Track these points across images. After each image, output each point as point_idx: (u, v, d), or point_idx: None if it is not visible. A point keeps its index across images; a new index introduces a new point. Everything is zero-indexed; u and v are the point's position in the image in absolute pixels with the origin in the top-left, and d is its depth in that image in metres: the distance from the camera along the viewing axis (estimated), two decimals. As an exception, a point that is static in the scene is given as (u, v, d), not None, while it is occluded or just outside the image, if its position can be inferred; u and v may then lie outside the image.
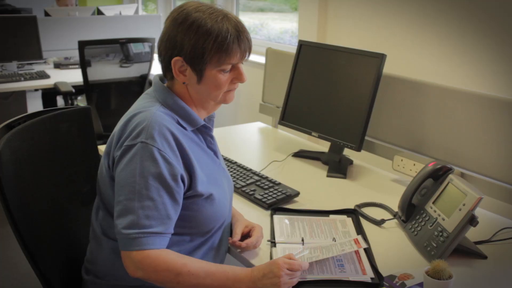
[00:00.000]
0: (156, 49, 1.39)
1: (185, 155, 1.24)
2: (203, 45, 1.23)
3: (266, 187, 1.76)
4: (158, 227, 1.18)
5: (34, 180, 1.38)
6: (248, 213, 1.65)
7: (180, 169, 1.22)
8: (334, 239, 1.45)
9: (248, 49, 1.30)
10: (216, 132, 2.60)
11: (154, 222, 1.18)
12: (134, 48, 3.58)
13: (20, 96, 4.05)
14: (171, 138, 1.22)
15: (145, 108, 1.27)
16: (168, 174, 1.20)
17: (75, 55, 4.02)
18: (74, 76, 3.70)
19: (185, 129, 1.29)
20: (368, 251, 1.41)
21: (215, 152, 1.40)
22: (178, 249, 1.28)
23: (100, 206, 1.36)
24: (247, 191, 1.74)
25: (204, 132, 1.36)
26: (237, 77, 1.30)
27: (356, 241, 1.39)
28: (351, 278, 1.28)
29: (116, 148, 1.24)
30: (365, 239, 1.48)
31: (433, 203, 1.49)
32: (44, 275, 1.32)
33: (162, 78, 1.37)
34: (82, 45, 3.40)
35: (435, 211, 1.46)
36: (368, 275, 1.29)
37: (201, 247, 1.35)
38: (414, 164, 1.84)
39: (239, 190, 1.76)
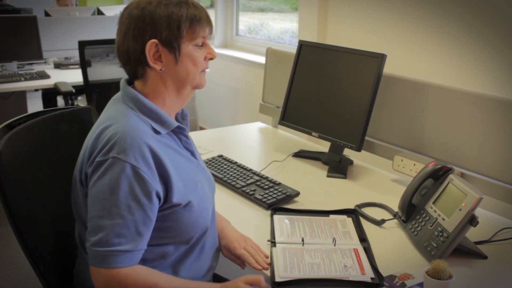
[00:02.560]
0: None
1: (161, 167, 1.19)
2: (177, 17, 1.21)
3: (266, 187, 1.76)
4: (128, 244, 1.14)
5: (34, 180, 1.38)
6: (248, 213, 1.65)
7: (155, 184, 1.17)
8: (334, 239, 1.45)
9: (212, 24, 1.31)
10: (216, 132, 2.62)
11: (124, 240, 1.14)
12: (134, 48, 3.58)
13: (20, 96, 4.06)
14: (146, 151, 1.16)
15: (116, 117, 1.21)
16: (140, 191, 1.14)
17: (75, 55, 4.02)
18: (74, 76, 3.70)
19: (159, 133, 1.24)
20: (368, 251, 1.41)
21: (192, 152, 1.36)
22: (166, 263, 1.27)
23: (76, 218, 1.32)
24: (247, 191, 1.74)
25: (178, 132, 1.31)
26: (209, 52, 1.30)
27: (356, 252, 1.40)
28: (351, 278, 1.28)
29: (88, 163, 1.19)
30: (365, 239, 1.48)
31: (433, 203, 1.49)
32: (44, 275, 1.32)
33: (129, 81, 1.31)
34: (82, 45, 3.40)
35: (435, 211, 1.46)
36: (368, 275, 1.29)
37: (189, 255, 1.31)
38: (414, 164, 1.84)
39: (239, 190, 1.76)
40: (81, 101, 4.47)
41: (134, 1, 1.25)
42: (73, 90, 3.49)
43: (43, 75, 3.70)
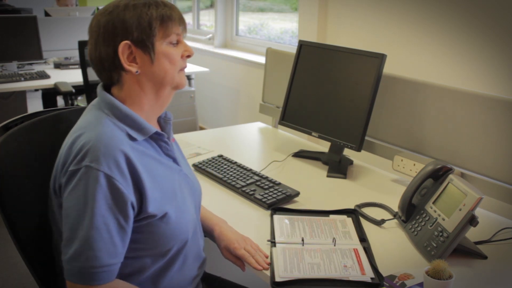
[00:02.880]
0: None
1: (136, 176, 1.14)
2: (147, 16, 1.19)
3: (266, 187, 1.76)
4: (104, 258, 1.10)
5: (32, 181, 1.37)
6: (248, 213, 1.65)
7: (130, 195, 1.12)
8: (334, 239, 1.45)
9: (185, 21, 1.29)
10: (216, 132, 2.62)
11: (99, 253, 1.09)
12: (134, 48, 3.58)
13: (20, 96, 4.06)
14: (121, 159, 1.12)
15: (91, 124, 1.17)
16: (114, 202, 1.10)
17: (75, 55, 4.02)
18: (74, 76, 3.70)
19: (135, 140, 1.20)
20: (368, 251, 1.41)
21: (175, 159, 1.31)
22: (144, 276, 1.23)
23: (53, 229, 1.29)
24: (247, 191, 1.74)
25: (158, 139, 1.26)
26: (186, 49, 1.27)
27: (356, 252, 1.40)
28: (351, 278, 1.28)
29: (61, 173, 1.15)
30: (365, 239, 1.48)
31: (433, 203, 1.49)
32: (41, 277, 1.31)
33: (106, 86, 1.26)
34: (82, 45, 3.40)
35: (435, 211, 1.46)
36: (368, 275, 1.29)
37: (169, 268, 1.27)
38: (414, 164, 1.84)
39: (239, 190, 1.76)
40: (81, 101, 4.48)
41: (101, 9, 1.24)
42: (73, 90, 3.49)
43: (43, 75, 3.70)
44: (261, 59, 3.89)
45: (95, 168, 1.09)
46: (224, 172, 1.89)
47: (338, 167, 2.02)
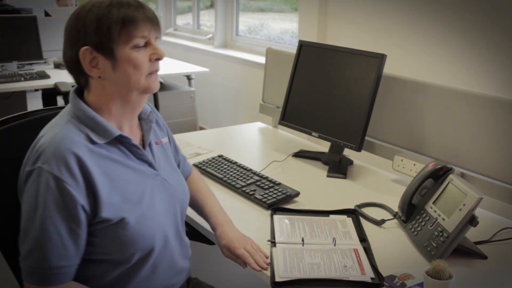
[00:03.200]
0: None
1: (89, 179, 1.12)
2: (107, 19, 1.14)
3: (266, 187, 1.76)
4: (55, 260, 1.10)
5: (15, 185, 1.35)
6: (248, 213, 1.65)
7: (80, 197, 1.11)
8: (334, 239, 1.45)
9: (156, 20, 1.21)
10: (216, 132, 2.62)
11: (49, 254, 1.09)
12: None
13: (20, 96, 4.05)
14: (72, 161, 1.10)
15: (54, 127, 1.18)
16: (63, 204, 1.10)
17: (75, 55, 4.01)
18: (74, 76, 3.70)
19: (96, 143, 1.17)
20: (368, 251, 1.41)
21: (151, 163, 1.28)
22: (104, 281, 1.21)
23: None
24: (247, 191, 1.74)
25: (126, 143, 1.23)
26: (154, 52, 1.19)
27: (356, 252, 1.40)
28: (351, 278, 1.28)
29: (22, 174, 1.16)
30: (365, 239, 1.48)
31: (433, 203, 1.49)
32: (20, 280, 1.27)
33: (79, 90, 1.25)
34: (82, 45, 3.39)
35: (435, 211, 1.46)
36: (368, 275, 1.29)
37: (133, 275, 1.23)
38: (414, 164, 1.84)
39: (239, 190, 1.76)
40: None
41: (73, 11, 1.23)
42: (73, 90, 3.48)
43: (43, 75, 3.70)
44: (261, 59, 3.89)
45: (46, 170, 1.09)
46: (224, 172, 1.89)
47: (338, 167, 2.02)
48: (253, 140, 2.46)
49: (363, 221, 1.60)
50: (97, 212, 1.14)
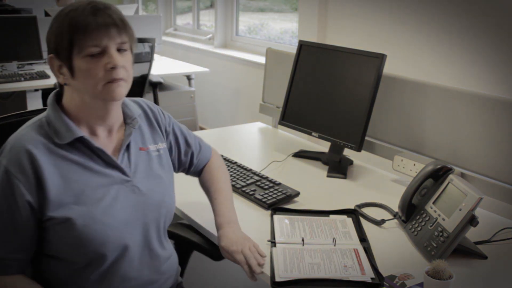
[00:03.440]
0: (153, 50, 1.36)
1: (40, 176, 1.15)
2: (60, 30, 1.16)
3: (266, 187, 1.76)
4: None
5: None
6: (248, 213, 1.65)
7: (27, 193, 1.15)
8: (334, 240, 1.45)
9: (115, 26, 1.18)
10: (216, 132, 2.61)
11: None
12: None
13: (20, 96, 4.05)
14: (24, 157, 1.15)
15: (25, 125, 1.24)
16: (11, 197, 1.15)
17: (75, 55, 4.01)
18: (74, 76, 3.70)
19: (57, 144, 1.20)
20: (368, 251, 1.41)
21: (120, 169, 1.27)
22: (56, 278, 1.25)
23: None
24: (247, 191, 1.74)
25: (90, 146, 1.23)
26: (108, 61, 1.17)
27: (356, 252, 1.40)
28: (351, 278, 1.28)
29: None
30: (365, 239, 1.48)
31: (433, 203, 1.49)
32: None
33: (59, 94, 1.28)
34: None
35: (435, 211, 1.46)
36: (368, 275, 1.29)
37: (84, 279, 1.23)
38: (414, 164, 1.84)
39: (239, 190, 1.76)
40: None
41: None
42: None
43: (43, 75, 3.70)
44: (261, 59, 3.89)
45: (2, 163, 1.17)
46: (224, 172, 1.89)
47: (338, 167, 2.02)
48: (253, 140, 2.46)
49: (363, 221, 1.60)
50: (44, 210, 1.17)
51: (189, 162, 1.55)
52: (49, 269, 1.26)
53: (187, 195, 1.67)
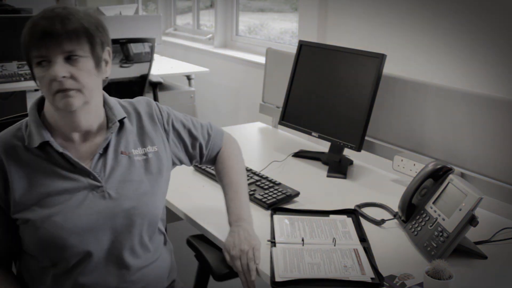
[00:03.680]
0: (153, 50, 1.38)
1: (7, 177, 1.20)
2: (22, 37, 1.19)
3: (266, 187, 1.76)
4: None
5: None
6: (248, 213, 1.65)
7: None
8: (334, 240, 1.45)
9: (60, 35, 1.14)
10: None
11: None
12: (134, 48, 3.58)
13: (20, 96, 4.05)
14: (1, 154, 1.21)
15: (8, 128, 1.29)
16: None
17: (75, 55, 4.01)
18: (74, 76, 3.69)
19: (29, 148, 1.23)
20: (368, 251, 1.41)
21: (89, 174, 1.25)
22: (29, 274, 1.29)
23: None
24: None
25: (55, 151, 1.23)
26: (48, 73, 1.15)
27: (356, 252, 1.40)
28: (351, 278, 1.28)
29: None
30: (365, 239, 1.48)
31: (433, 203, 1.49)
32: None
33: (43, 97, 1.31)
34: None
35: (435, 211, 1.46)
36: (368, 275, 1.29)
37: (72, 278, 1.24)
38: (414, 164, 1.84)
39: (239, 190, 1.76)
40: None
41: None
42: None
43: (43, 75, 3.70)
44: (261, 59, 3.89)
45: None
46: (224, 172, 1.89)
47: (338, 167, 2.02)
48: (253, 140, 2.46)
49: (363, 221, 1.60)
50: (9, 210, 1.22)
51: (199, 154, 1.52)
52: (24, 264, 1.31)
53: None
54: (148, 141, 1.37)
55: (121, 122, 1.33)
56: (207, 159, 1.55)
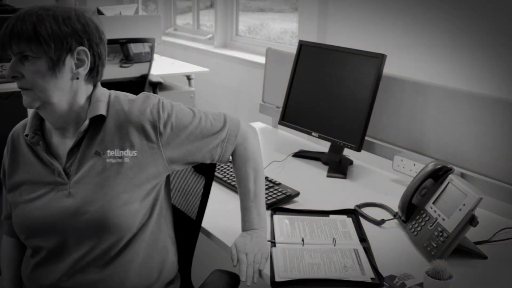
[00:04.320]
0: (153, 50, 1.41)
1: (10, 156, 1.33)
2: None
3: (266, 187, 1.76)
4: None
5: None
6: (248, 213, 1.64)
7: (3, 166, 1.36)
8: (334, 240, 1.45)
9: (15, 36, 1.17)
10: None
11: None
12: (134, 48, 3.58)
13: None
14: (9, 139, 1.35)
15: None
16: None
17: (75, 55, 4.01)
18: (74, 76, 3.69)
19: (23, 137, 1.33)
20: (368, 251, 1.41)
21: (54, 170, 1.26)
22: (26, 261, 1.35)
23: None
24: (247, 191, 1.74)
25: (36, 143, 1.29)
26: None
27: (356, 252, 1.40)
28: (351, 278, 1.28)
29: None
30: (365, 239, 1.48)
31: (433, 203, 1.49)
32: None
33: None
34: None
35: (435, 211, 1.46)
36: (368, 275, 1.29)
37: (40, 267, 1.28)
38: (414, 164, 1.84)
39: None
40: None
41: None
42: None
43: (43, 75, 3.70)
44: (261, 59, 3.89)
45: None
46: (224, 172, 1.89)
47: (338, 167, 2.02)
48: (253, 140, 2.45)
49: (363, 221, 1.60)
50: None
51: (209, 158, 1.39)
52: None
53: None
54: (127, 144, 1.27)
55: (101, 120, 1.28)
56: (221, 159, 1.41)
